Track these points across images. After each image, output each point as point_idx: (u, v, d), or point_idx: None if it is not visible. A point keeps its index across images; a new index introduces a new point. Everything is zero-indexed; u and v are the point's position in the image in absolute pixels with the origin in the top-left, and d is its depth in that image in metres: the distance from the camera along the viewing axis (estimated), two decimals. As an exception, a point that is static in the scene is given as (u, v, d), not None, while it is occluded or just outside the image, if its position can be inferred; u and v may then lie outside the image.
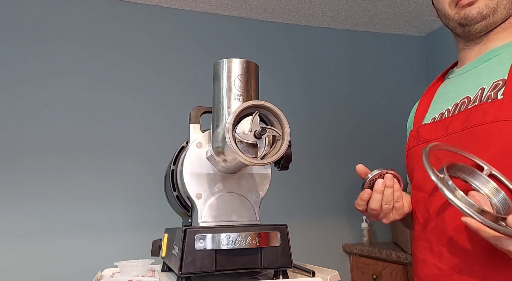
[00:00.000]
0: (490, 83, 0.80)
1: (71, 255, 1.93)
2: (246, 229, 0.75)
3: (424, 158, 0.69)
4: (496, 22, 0.86)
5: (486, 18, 0.85)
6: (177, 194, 0.89)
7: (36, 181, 1.95)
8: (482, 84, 0.82)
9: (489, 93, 0.79)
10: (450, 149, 0.74)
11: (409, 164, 0.95)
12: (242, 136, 0.67)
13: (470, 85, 0.85)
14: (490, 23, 0.85)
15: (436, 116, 0.90)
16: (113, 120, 2.11)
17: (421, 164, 0.87)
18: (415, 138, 0.92)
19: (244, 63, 0.74)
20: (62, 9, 2.13)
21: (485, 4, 0.84)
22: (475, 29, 0.87)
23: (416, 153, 0.91)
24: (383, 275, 2.04)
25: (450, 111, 0.86)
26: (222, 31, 2.39)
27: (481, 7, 0.84)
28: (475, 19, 0.85)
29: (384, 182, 0.83)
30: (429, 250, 0.84)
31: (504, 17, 0.85)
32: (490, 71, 0.83)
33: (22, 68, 2.01)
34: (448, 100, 0.89)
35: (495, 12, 0.84)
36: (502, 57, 0.83)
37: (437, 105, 0.92)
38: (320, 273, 0.82)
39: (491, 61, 0.85)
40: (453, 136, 0.81)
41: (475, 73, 0.87)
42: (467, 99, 0.83)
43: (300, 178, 2.35)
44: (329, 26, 2.61)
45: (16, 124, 1.96)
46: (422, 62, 2.76)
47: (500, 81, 0.78)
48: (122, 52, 2.18)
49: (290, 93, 2.44)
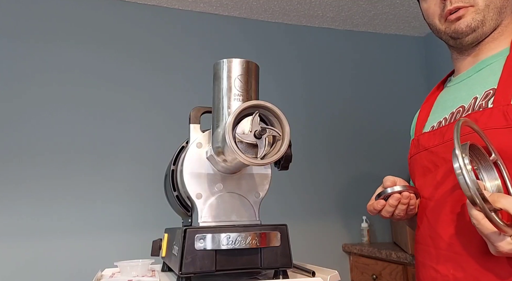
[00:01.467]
0: (482, 92, 0.83)
1: (71, 255, 1.93)
2: (246, 229, 0.75)
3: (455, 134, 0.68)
4: (486, 33, 0.88)
5: (475, 30, 0.88)
6: (177, 194, 0.89)
7: (36, 180, 1.94)
8: (475, 94, 0.85)
9: (481, 102, 0.82)
10: (474, 127, 0.74)
11: (411, 171, 0.98)
12: (242, 136, 0.67)
13: (465, 94, 0.88)
14: (480, 34, 0.88)
15: (434, 125, 0.93)
16: (113, 120, 2.11)
17: (421, 170, 0.92)
18: (416, 147, 0.95)
19: (244, 63, 0.74)
20: (62, 9, 2.13)
21: (472, 17, 0.87)
22: (466, 41, 0.90)
23: (416, 161, 0.94)
24: (382, 275, 2.04)
25: (447, 120, 0.89)
26: (222, 32, 2.39)
27: (469, 21, 0.87)
28: (465, 33, 0.88)
29: (400, 198, 0.86)
30: (427, 253, 0.87)
31: (493, 27, 0.88)
32: (483, 80, 0.86)
33: (22, 68, 2.01)
34: (445, 109, 0.92)
35: (483, 24, 0.87)
36: (493, 66, 0.86)
37: (436, 114, 0.96)
38: (320, 273, 0.82)
39: (483, 70, 0.88)
40: (448, 144, 0.83)
41: (469, 83, 0.90)
42: (462, 108, 0.86)
43: (300, 178, 2.35)
44: (329, 27, 2.61)
45: (16, 123, 1.96)
46: (422, 62, 2.76)
47: (491, 90, 0.81)
48: (122, 52, 2.18)
49: (290, 93, 2.44)
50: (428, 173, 0.89)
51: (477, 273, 0.75)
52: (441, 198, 0.84)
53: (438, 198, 0.84)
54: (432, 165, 0.88)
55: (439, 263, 0.83)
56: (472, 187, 0.62)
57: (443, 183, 0.84)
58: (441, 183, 0.84)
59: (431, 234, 0.86)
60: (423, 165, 0.91)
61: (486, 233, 0.65)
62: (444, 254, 0.81)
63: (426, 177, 0.90)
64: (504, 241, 0.64)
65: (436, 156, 0.87)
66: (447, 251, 0.81)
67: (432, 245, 0.85)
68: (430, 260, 0.86)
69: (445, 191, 0.83)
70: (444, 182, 0.83)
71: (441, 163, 0.85)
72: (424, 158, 0.91)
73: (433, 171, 0.87)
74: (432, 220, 0.86)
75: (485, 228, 0.65)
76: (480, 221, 0.65)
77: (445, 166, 0.84)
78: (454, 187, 0.80)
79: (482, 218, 0.65)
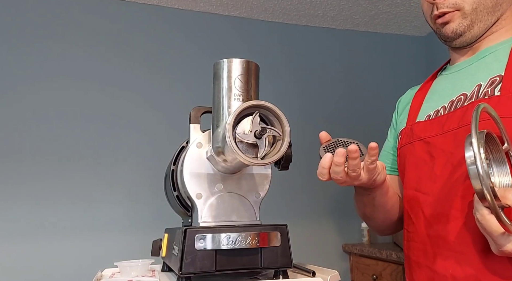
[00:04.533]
0: (487, 79, 0.80)
1: (71, 255, 1.93)
2: (246, 229, 0.75)
3: (473, 120, 0.61)
4: (476, 35, 0.86)
5: (462, 35, 0.85)
6: (177, 194, 0.89)
7: (37, 181, 1.94)
8: (479, 81, 0.81)
9: (486, 89, 0.78)
10: (492, 113, 0.68)
11: (401, 161, 0.94)
12: (242, 136, 0.67)
13: (467, 82, 0.85)
14: (469, 38, 0.86)
15: (431, 114, 0.88)
16: (113, 119, 2.11)
17: (414, 162, 0.86)
18: (408, 136, 0.91)
19: (244, 63, 0.74)
20: (62, 9, 2.12)
21: (459, 23, 0.85)
22: (455, 44, 0.88)
23: (408, 151, 0.90)
24: (383, 276, 2.04)
25: (445, 108, 0.85)
26: (222, 31, 2.39)
27: (454, 26, 0.85)
28: (451, 38, 0.87)
29: (345, 153, 0.73)
30: (423, 252, 0.83)
31: (485, 29, 0.85)
32: (487, 67, 0.82)
33: (22, 70, 2.01)
34: (443, 97, 0.88)
35: (471, 28, 0.84)
36: (497, 54, 0.83)
37: (432, 103, 0.91)
38: (320, 273, 0.82)
39: (486, 58, 0.85)
40: (448, 134, 0.80)
41: (471, 70, 0.86)
42: (464, 96, 0.83)
43: (300, 178, 2.35)
44: (329, 26, 2.61)
45: (16, 125, 1.96)
46: (423, 62, 2.76)
47: (497, 77, 0.78)
48: (122, 52, 2.18)
49: (290, 93, 2.44)
50: (423, 165, 0.84)
51: (478, 273, 0.72)
52: (440, 193, 0.79)
53: (438, 193, 0.80)
54: (428, 156, 0.83)
55: (436, 262, 0.79)
56: (485, 180, 0.57)
57: (442, 176, 0.79)
58: (440, 176, 0.80)
59: (429, 231, 0.81)
60: (416, 155, 0.86)
61: (490, 231, 0.62)
62: (443, 253, 0.78)
63: (420, 168, 0.85)
64: (509, 241, 0.61)
65: (433, 147, 0.82)
66: (446, 249, 0.77)
67: (429, 243, 0.81)
68: (426, 259, 0.81)
69: (445, 185, 0.78)
70: (443, 175, 0.79)
71: (438, 154, 0.81)
72: (418, 148, 0.86)
73: (429, 163, 0.83)
74: (430, 216, 0.81)
75: (489, 225, 0.61)
76: (485, 217, 0.61)
77: (443, 157, 0.80)
78: (456, 180, 0.76)
79: (487, 213, 0.61)
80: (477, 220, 0.63)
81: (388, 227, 1.00)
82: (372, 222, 1.00)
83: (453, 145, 0.78)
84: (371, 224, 1.02)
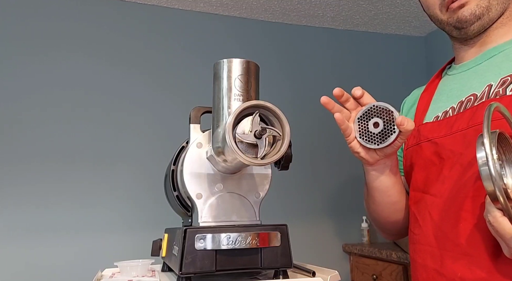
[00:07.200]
0: (498, 79, 0.77)
1: (71, 255, 1.93)
2: (246, 229, 0.75)
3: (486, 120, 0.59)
4: (492, 19, 0.83)
5: (481, 17, 0.81)
6: (177, 194, 0.89)
7: (37, 182, 1.95)
8: (489, 81, 0.79)
9: (497, 89, 0.76)
10: (505, 113, 0.66)
11: (408, 163, 0.92)
12: (242, 136, 0.67)
13: (476, 82, 0.82)
14: (486, 21, 0.82)
15: (439, 115, 0.86)
16: (112, 120, 2.11)
17: (422, 163, 0.84)
18: (415, 137, 0.89)
19: (244, 63, 0.74)
20: (62, 10, 2.12)
21: (477, 4, 0.81)
22: (472, 30, 0.84)
23: (415, 152, 0.88)
24: (383, 276, 2.04)
25: (454, 109, 0.83)
26: (223, 31, 2.39)
27: (473, 8, 0.81)
28: (469, 21, 0.82)
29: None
30: (429, 255, 0.80)
31: (500, 12, 0.82)
32: (497, 67, 0.80)
33: (23, 74, 2.01)
34: (451, 98, 0.86)
35: (489, 10, 0.81)
36: (507, 53, 0.81)
37: (440, 103, 0.89)
38: (320, 273, 0.82)
39: (496, 57, 0.82)
40: (457, 135, 0.78)
41: (480, 70, 0.84)
42: (473, 96, 0.80)
43: (300, 178, 2.35)
44: (329, 27, 2.61)
45: (17, 128, 1.96)
46: (423, 62, 2.76)
47: (508, 77, 0.76)
48: (122, 53, 2.18)
49: (290, 93, 2.44)
50: (431, 166, 0.82)
51: (489, 276, 0.69)
52: (450, 194, 0.77)
53: (447, 194, 0.77)
54: (436, 157, 0.81)
55: (444, 265, 0.76)
56: (498, 181, 0.55)
57: (451, 178, 0.77)
58: (448, 178, 0.78)
59: (436, 233, 0.78)
60: (424, 156, 0.84)
61: (503, 233, 0.60)
62: (452, 256, 0.75)
63: (428, 170, 0.83)
64: None
65: (441, 148, 0.80)
66: (455, 252, 0.74)
67: (437, 246, 0.78)
68: (434, 262, 0.79)
69: (454, 187, 0.76)
70: (452, 177, 0.77)
71: (447, 155, 0.79)
72: (426, 149, 0.84)
73: (438, 164, 0.81)
74: (437, 218, 0.79)
75: (502, 227, 0.59)
76: (498, 219, 0.59)
77: (452, 159, 0.78)
78: (466, 182, 0.74)
79: (500, 216, 0.59)
80: (489, 222, 0.61)
81: (393, 225, 0.98)
82: (377, 216, 0.99)
83: (463, 146, 0.76)
84: (377, 221, 1.01)
